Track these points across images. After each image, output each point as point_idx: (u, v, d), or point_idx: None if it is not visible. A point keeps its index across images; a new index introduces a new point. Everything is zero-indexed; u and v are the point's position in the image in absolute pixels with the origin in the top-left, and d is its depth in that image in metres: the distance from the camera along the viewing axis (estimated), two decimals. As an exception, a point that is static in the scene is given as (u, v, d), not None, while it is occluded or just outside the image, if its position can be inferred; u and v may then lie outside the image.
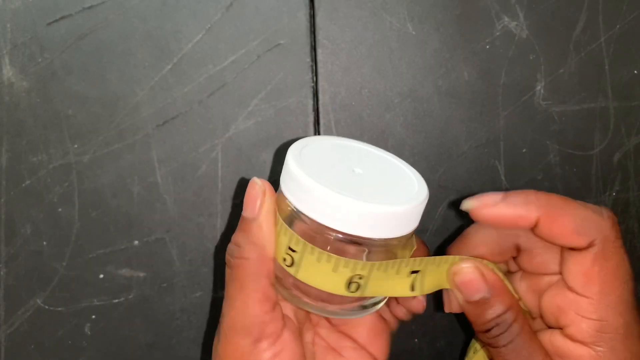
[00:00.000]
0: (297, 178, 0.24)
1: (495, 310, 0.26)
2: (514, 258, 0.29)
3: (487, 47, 0.35)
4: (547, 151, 0.35)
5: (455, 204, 0.35)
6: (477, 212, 0.27)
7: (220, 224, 0.34)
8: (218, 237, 0.34)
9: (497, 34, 0.35)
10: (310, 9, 0.34)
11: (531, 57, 0.35)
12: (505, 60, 0.35)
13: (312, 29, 0.34)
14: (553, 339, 0.27)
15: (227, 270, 0.26)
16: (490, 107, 0.35)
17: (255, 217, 0.25)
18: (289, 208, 0.25)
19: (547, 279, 0.28)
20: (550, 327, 0.28)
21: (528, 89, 0.35)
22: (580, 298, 0.26)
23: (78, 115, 0.34)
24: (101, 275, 0.34)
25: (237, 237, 0.26)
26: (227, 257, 0.26)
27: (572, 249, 0.26)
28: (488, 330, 0.26)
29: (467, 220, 0.27)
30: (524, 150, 0.35)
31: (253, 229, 0.25)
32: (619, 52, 0.35)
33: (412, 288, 0.26)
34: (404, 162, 0.28)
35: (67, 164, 0.34)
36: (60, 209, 0.34)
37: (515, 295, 0.28)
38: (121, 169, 0.34)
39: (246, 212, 0.26)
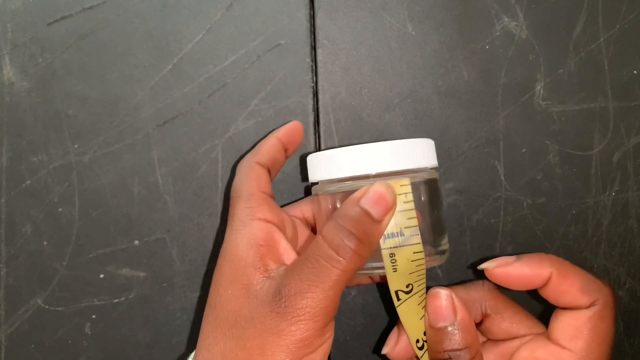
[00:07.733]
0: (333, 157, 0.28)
1: (452, 343, 0.26)
2: (478, 326, 0.30)
3: (487, 47, 0.35)
4: (547, 151, 0.35)
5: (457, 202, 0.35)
6: (494, 271, 0.29)
7: (220, 224, 0.34)
8: (218, 237, 0.34)
9: (497, 34, 0.35)
10: (310, 9, 0.34)
11: (531, 57, 0.35)
12: (505, 61, 0.35)
13: (312, 29, 0.34)
14: None
15: (330, 252, 0.25)
16: (490, 107, 0.35)
17: (382, 221, 0.26)
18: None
19: (514, 343, 0.29)
20: None
21: (528, 89, 0.35)
22: (562, 350, 0.27)
23: (78, 115, 0.34)
24: (101, 275, 0.34)
25: (358, 229, 0.26)
26: (342, 242, 0.25)
27: (572, 308, 0.28)
28: None
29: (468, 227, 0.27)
30: (524, 150, 0.35)
31: (376, 231, 0.26)
32: (618, 52, 0.35)
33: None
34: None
35: (67, 164, 0.34)
36: (60, 209, 0.34)
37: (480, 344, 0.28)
38: (121, 169, 0.34)
39: (376, 211, 0.26)
